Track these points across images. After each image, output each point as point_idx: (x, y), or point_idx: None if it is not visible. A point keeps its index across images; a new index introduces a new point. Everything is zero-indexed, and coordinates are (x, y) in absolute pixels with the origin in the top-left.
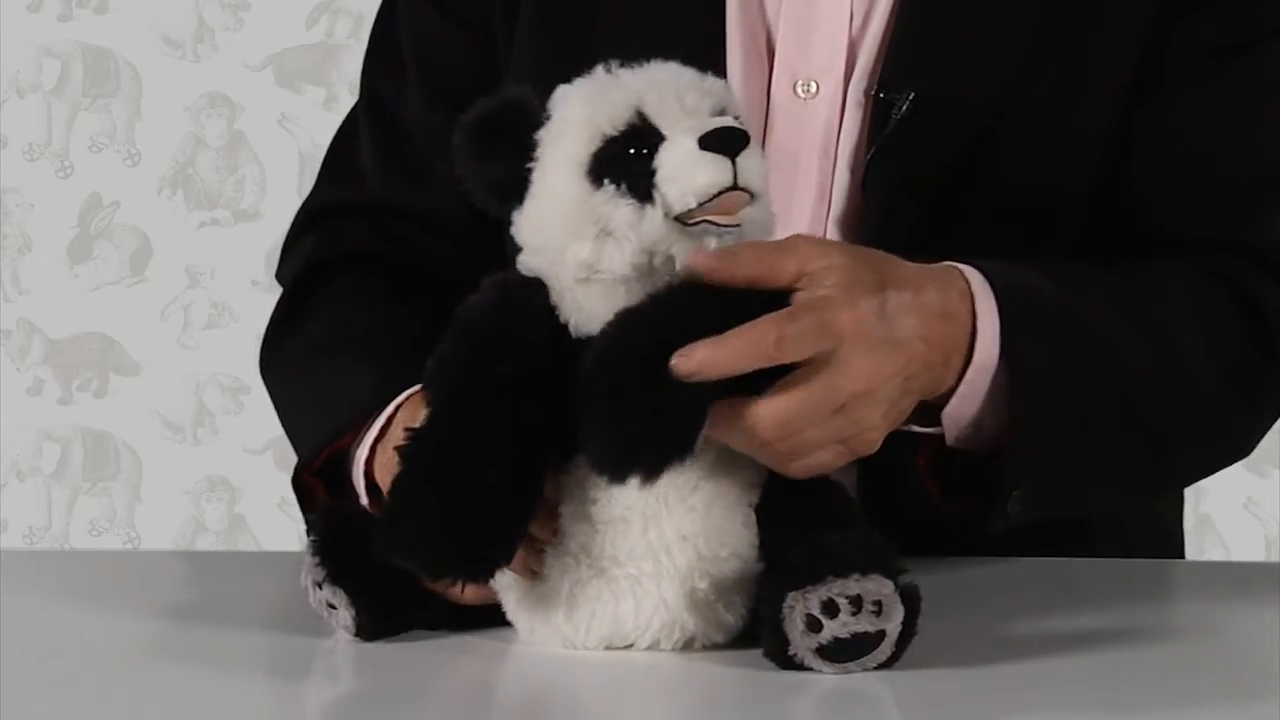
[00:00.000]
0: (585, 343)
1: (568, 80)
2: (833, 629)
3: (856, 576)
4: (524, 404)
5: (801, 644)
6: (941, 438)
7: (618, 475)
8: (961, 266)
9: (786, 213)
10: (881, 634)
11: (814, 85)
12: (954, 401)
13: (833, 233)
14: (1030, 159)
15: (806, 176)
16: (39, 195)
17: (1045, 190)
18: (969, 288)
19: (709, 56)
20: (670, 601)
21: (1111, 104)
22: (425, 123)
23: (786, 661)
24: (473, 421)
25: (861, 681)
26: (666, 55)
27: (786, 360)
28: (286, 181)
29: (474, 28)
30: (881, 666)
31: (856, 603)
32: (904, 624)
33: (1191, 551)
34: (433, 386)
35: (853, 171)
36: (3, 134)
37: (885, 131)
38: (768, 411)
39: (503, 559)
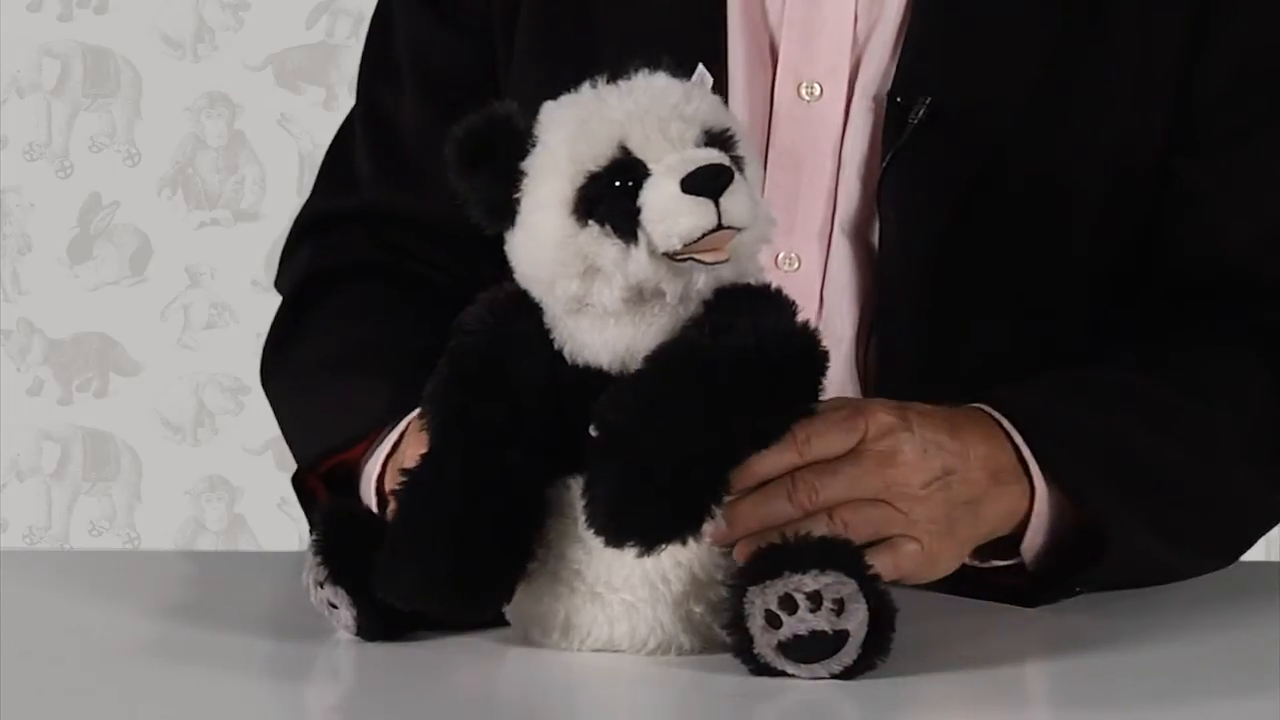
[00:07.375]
0: (581, 371)
1: (567, 84)
2: (791, 625)
3: (815, 572)
4: (517, 443)
5: (763, 641)
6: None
7: (615, 544)
8: (984, 407)
9: (792, 216)
10: (843, 635)
11: (818, 88)
12: (1029, 534)
13: (839, 239)
14: (1048, 169)
15: (812, 180)
16: (39, 195)
17: (1062, 200)
18: (997, 423)
19: (711, 59)
20: (666, 625)
21: (1135, 117)
22: (422, 129)
23: (753, 661)
24: (467, 464)
25: (863, 683)
26: (668, 58)
27: (815, 456)
28: (286, 181)
29: (471, 31)
30: (856, 671)
31: (815, 599)
32: (873, 629)
33: None
34: (427, 418)
35: (863, 178)
36: (3, 134)
37: (901, 137)
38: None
39: (504, 598)
